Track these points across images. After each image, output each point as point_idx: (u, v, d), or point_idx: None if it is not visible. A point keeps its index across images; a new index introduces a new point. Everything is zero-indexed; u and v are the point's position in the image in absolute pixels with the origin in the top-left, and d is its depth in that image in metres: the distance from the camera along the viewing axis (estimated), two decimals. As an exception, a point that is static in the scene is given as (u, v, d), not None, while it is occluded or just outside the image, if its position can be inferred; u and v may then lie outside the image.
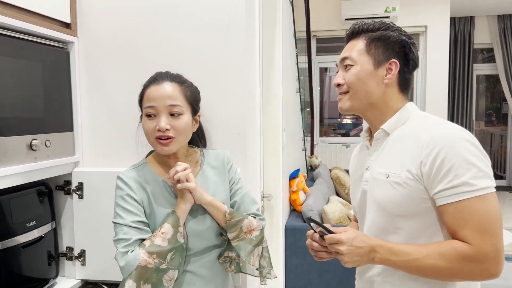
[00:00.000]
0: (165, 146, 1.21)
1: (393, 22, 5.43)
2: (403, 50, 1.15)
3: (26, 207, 1.43)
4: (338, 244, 1.04)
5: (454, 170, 0.98)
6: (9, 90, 1.29)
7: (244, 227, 1.28)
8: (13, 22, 1.29)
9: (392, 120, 1.14)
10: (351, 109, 1.17)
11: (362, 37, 1.17)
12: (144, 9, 1.56)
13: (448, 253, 1.00)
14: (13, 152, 1.30)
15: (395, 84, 1.15)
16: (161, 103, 1.21)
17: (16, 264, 1.39)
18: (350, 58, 1.16)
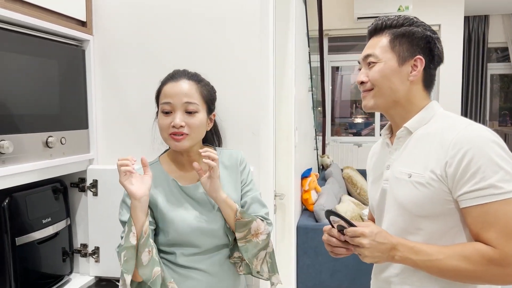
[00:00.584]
0: (178, 142, 1.22)
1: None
2: (428, 46, 1.12)
3: (41, 203, 1.44)
4: (361, 237, 1.02)
5: (481, 172, 0.96)
6: (25, 87, 1.30)
7: (253, 229, 1.28)
8: (30, 20, 1.30)
9: (416, 118, 1.12)
10: (375, 107, 1.15)
11: (385, 33, 1.14)
12: (158, 7, 1.56)
13: (472, 256, 0.98)
14: (30, 149, 1.31)
15: (420, 81, 1.13)
16: (177, 100, 1.22)
17: (32, 260, 1.40)
18: (373, 55, 1.13)
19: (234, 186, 1.34)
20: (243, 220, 1.25)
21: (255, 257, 1.31)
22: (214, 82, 1.43)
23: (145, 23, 1.58)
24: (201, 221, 1.26)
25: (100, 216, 1.60)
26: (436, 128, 1.08)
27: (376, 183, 1.23)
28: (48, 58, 1.40)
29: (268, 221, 1.35)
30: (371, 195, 1.27)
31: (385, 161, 1.19)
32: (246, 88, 1.51)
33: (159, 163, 1.32)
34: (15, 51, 1.26)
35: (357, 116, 6.95)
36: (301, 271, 2.82)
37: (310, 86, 3.46)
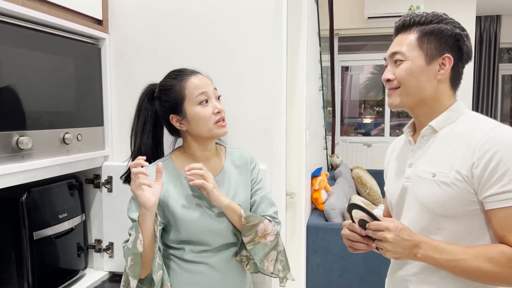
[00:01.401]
0: (225, 127, 1.28)
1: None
2: (457, 44, 1.10)
3: (58, 199, 1.47)
4: (385, 231, 1.01)
5: (509, 175, 0.96)
6: (43, 84, 1.32)
7: (259, 231, 1.28)
8: (48, 18, 1.33)
9: (442, 117, 1.11)
10: (401, 105, 1.14)
11: (413, 30, 1.11)
12: (172, 6, 1.58)
13: (497, 257, 0.97)
14: (47, 145, 1.33)
15: (447, 79, 1.11)
16: (209, 88, 1.27)
17: (48, 254, 1.42)
18: (400, 53, 1.11)
19: (244, 185, 1.35)
20: (249, 224, 1.26)
21: (265, 258, 1.32)
22: (227, 80, 1.45)
23: (160, 22, 1.60)
24: (212, 221, 1.27)
25: (115, 212, 1.62)
26: (463, 128, 1.07)
27: (396, 180, 1.22)
28: (65, 56, 1.43)
29: (276, 220, 1.36)
30: (391, 192, 1.25)
31: (407, 158, 1.18)
32: (258, 86, 1.52)
33: (171, 160, 1.33)
34: (33, 48, 1.28)
35: (366, 116, 6.93)
36: (310, 270, 2.82)
37: (320, 85, 3.47)
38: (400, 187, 1.19)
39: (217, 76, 1.39)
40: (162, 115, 1.31)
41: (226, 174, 1.33)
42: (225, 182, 1.32)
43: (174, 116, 1.28)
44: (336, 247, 2.76)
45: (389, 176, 1.28)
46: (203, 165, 1.24)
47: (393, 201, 1.23)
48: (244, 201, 1.33)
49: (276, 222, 1.36)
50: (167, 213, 1.28)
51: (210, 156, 1.33)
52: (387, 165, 1.33)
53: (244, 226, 1.26)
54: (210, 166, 1.32)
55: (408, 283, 1.15)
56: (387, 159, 1.33)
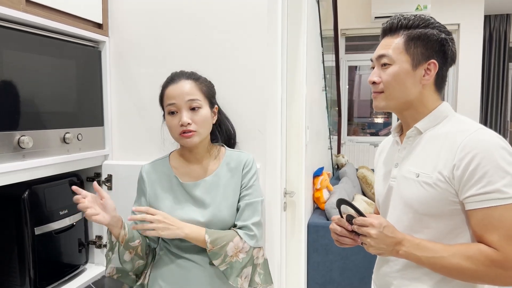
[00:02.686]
0: (188, 139, 1.29)
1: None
2: (442, 49, 1.11)
3: (59, 196, 1.53)
4: (369, 227, 1.05)
5: (487, 177, 0.99)
6: (44, 86, 1.38)
7: (230, 251, 1.28)
8: (50, 23, 1.39)
9: (427, 119, 1.14)
10: (386, 108, 1.16)
11: (400, 33, 1.12)
12: (170, 10, 1.63)
13: (475, 256, 1.01)
14: (48, 145, 1.39)
15: (432, 83, 1.14)
16: (180, 99, 1.29)
17: (50, 249, 1.48)
18: (387, 57, 1.12)
19: (234, 188, 1.36)
20: (216, 247, 1.27)
21: (238, 278, 1.31)
22: (221, 81, 1.49)
23: (158, 25, 1.65)
24: (196, 218, 1.32)
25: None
26: (447, 130, 1.10)
27: (384, 180, 1.25)
28: (66, 59, 1.49)
29: (250, 233, 1.33)
30: (378, 191, 1.28)
31: (394, 159, 1.21)
32: (252, 87, 1.56)
33: (167, 159, 1.40)
34: (35, 52, 1.34)
35: (377, 116, 6.91)
36: (311, 268, 2.86)
37: (324, 85, 3.49)
38: (387, 187, 1.22)
39: (213, 77, 1.44)
40: None
41: (217, 176, 1.37)
42: (213, 185, 1.36)
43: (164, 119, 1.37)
44: (336, 246, 2.78)
45: (378, 176, 1.31)
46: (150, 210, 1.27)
47: (380, 200, 1.27)
48: (231, 204, 1.35)
49: (250, 235, 1.33)
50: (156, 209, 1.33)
51: (202, 158, 1.38)
52: (376, 165, 1.36)
53: (212, 250, 1.26)
54: (202, 168, 1.37)
55: (392, 279, 1.19)
56: (376, 159, 1.36)
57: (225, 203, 1.34)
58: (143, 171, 1.40)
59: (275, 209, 1.71)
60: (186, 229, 1.27)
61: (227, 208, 1.34)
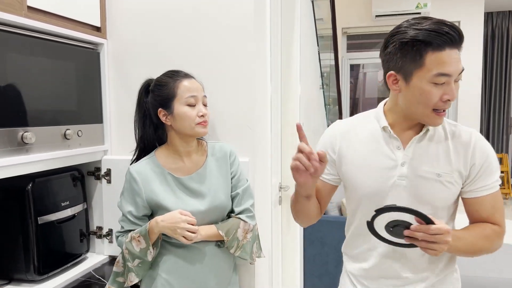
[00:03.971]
0: (205, 128, 1.43)
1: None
2: None
3: (61, 188, 1.63)
4: (444, 234, 1.04)
5: (494, 171, 1.21)
6: (47, 86, 1.49)
7: (240, 236, 1.45)
8: (51, 27, 1.49)
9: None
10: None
11: (460, 46, 1.10)
12: (165, 13, 1.73)
13: (490, 235, 1.21)
14: (50, 140, 1.50)
15: None
16: (199, 93, 1.43)
17: (53, 238, 1.59)
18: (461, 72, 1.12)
19: (224, 177, 1.49)
20: (230, 238, 1.44)
21: (252, 254, 1.50)
22: (213, 80, 1.59)
23: (154, 27, 1.75)
24: (197, 208, 1.41)
25: (113, 202, 1.77)
26: (450, 132, 1.23)
27: (379, 173, 1.23)
28: (67, 61, 1.59)
29: (250, 214, 1.51)
30: (367, 182, 1.24)
31: (391, 155, 1.22)
32: (241, 85, 1.65)
33: (155, 158, 1.46)
34: (37, 54, 1.45)
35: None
36: (307, 261, 2.95)
37: (321, 84, 3.57)
38: (388, 183, 1.21)
39: (205, 75, 1.55)
40: (152, 107, 1.45)
41: (207, 168, 1.47)
42: (206, 176, 1.46)
43: (162, 110, 1.42)
44: (332, 239, 2.87)
45: (353, 165, 1.26)
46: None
47: (367, 193, 1.24)
48: (226, 191, 1.47)
49: (250, 216, 1.50)
50: (154, 207, 1.43)
51: (192, 152, 1.48)
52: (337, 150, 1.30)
53: (228, 241, 1.43)
54: (192, 161, 1.47)
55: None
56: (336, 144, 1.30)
57: (221, 190, 1.46)
58: (132, 171, 1.42)
59: (264, 201, 1.80)
60: (202, 232, 1.39)
61: (224, 194, 1.47)
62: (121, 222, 1.45)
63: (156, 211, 1.43)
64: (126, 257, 1.39)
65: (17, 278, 1.54)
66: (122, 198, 1.45)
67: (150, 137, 1.49)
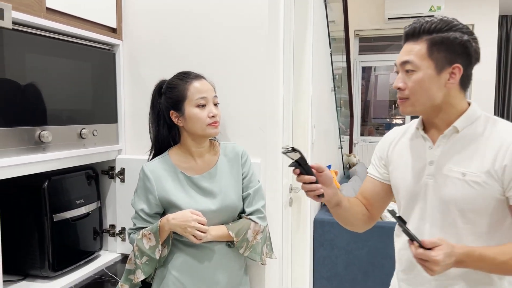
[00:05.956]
0: (216, 129, 1.44)
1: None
2: (466, 51, 1.12)
3: (75, 187, 1.66)
4: (432, 263, 1.03)
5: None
6: (63, 86, 1.52)
7: (250, 237, 1.46)
8: (68, 29, 1.52)
9: (463, 118, 1.16)
10: (413, 113, 1.18)
11: (423, 39, 1.12)
12: (179, 15, 1.75)
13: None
14: (66, 139, 1.52)
15: (457, 84, 1.15)
16: (209, 94, 1.44)
17: (67, 235, 1.62)
18: (411, 63, 1.13)
19: (236, 177, 1.51)
20: (240, 238, 1.44)
21: (262, 255, 1.51)
22: (225, 81, 1.62)
23: (168, 29, 1.77)
24: (208, 207, 1.43)
25: (127, 200, 1.79)
26: (489, 130, 1.15)
27: (414, 176, 1.24)
28: (83, 61, 1.62)
29: (261, 215, 1.52)
30: (403, 184, 1.27)
31: (424, 155, 1.22)
32: (254, 87, 1.66)
33: (168, 157, 1.49)
34: (54, 55, 1.48)
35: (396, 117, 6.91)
36: (317, 263, 2.95)
37: (333, 86, 3.57)
38: (421, 183, 1.22)
39: (217, 76, 1.57)
40: (165, 109, 1.48)
41: (219, 168, 1.49)
42: (217, 176, 1.48)
43: (174, 112, 1.45)
44: (341, 241, 2.87)
45: (396, 167, 1.30)
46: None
47: (404, 194, 1.27)
48: (237, 190, 1.49)
49: (261, 217, 1.51)
50: (167, 204, 1.45)
51: (204, 152, 1.50)
52: (388, 155, 1.34)
53: (238, 242, 1.44)
54: (204, 161, 1.49)
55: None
56: (387, 149, 1.35)
57: (232, 190, 1.47)
58: (146, 170, 1.46)
59: (275, 202, 1.81)
60: (212, 232, 1.40)
61: (235, 194, 1.48)
62: (134, 219, 1.48)
63: (168, 209, 1.46)
64: (135, 254, 1.42)
65: (32, 274, 1.56)
66: (136, 195, 1.49)
67: (164, 137, 1.51)
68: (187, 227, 1.33)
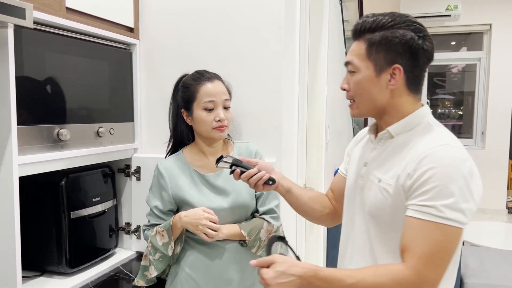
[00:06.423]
0: (222, 133, 1.44)
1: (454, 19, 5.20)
2: (408, 50, 1.03)
3: (92, 184, 1.68)
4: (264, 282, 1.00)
5: (433, 193, 0.96)
6: (81, 85, 1.54)
7: (263, 237, 1.46)
8: (87, 28, 1.54)
9: (400, 124, 1.09)
10: (360, 116, 1.14)
11: (363, 38, 1.07)
12: (195, 14, 1.76)
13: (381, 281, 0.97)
14: (83, 137, 1.54)
15: (402, 86, 1.07)
16: (219, 97, 1.43)
17: (83, 232, 1.64)
18: (352, 64, 1.09)
19: None
20: (252, 238, 1.44)
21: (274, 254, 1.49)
22: (240, 81, 1.62)
23: (184, 28, 1.78)
24: (221, 205, 1.44)
25: (142, 199, 1.80)
26: (416, 139, 1.05)
27: (355, 174, 1.21)
28: (101, 60, 1.64)
29: (274, 215, 1.51)
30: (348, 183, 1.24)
31: (365, 157, 1.19)
32: (269, 87, 1.66)
33: (182, 155, 1.52)
34: (73, 54, 1.50)
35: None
36: (330, 263, 2.93)
37: (347, 86, 3.55)
38: (355, 184, 1.19)
39: (232, 76, 1.57)
40: (181, 106, 1.51)
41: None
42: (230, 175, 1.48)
43: (184, 111, 1.48)
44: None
45: (350, 166, 1.27)
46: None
47: (346, 193, 1.25)
48: (250, 189, 1.48)
49: (275, 217, 1.51)
50: (181, 201, 1.46)
51: (218, 151, 1.51)
52: (350, 153, 1.32)
53: (250, 241, 1.44)
54: None
55: None
56: (352, 146, 1.33)
57: (244, 188, 1.47)
58: (160, 167, 1.49)
59: (290, 202, 1.81)
60: (224, 230, 1.41)
61: (247, 192, 1.49)
62: (148, 216, 1.51)
63: (181, 207, 1.48)
64: (149, 250, 1.44)
65: (49, 270, 1.59)
66: (150, 192, 1.51)
67: (182, 130, 1.54)
68: (198, 225, 1.35)
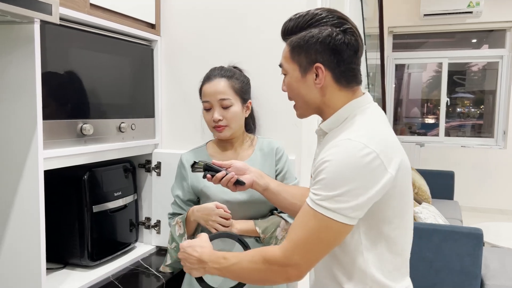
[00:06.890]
0: (220, 133, 1.46)
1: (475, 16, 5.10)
2: (327, 47, 1.01)
3: (114, 179, 1.70)
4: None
5: (321, 184, 0.96)
6: (103, 80, 1.56)
7: (279, 235, 1.46)
8: (110, 24, 1.55)
9: (330, 119, 1.08)
10: (302, 116, 1.16)
11: (287, 41, 1.09)
12: (216, 11, 1.77)
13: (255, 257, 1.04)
14: (106, 132, 1.56)
15: (331, 82, 1.05)
16: (213, 98, 1.44)
17: (105, 226, 1.66)
18: (282, 67, 1.12)
19: (268, 172, 1.50)
20: (267, 236, 1.44)
21: None
22: (261, 77, 1.61)
23: (205, 25, 1.79)
24: (237, 197, 1.45)
25: (162, 194, 1.83)
26: (339, 134, 1.03)
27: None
28: (123, 56, 1.65)
29: None
30: None
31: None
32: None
33: (205, 148, 1.56)
34: (96, 50, 1.52)
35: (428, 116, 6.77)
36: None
37: (367, 83, 3.52)
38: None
39: (251, 72, 1.58)
40: None
41: (252, 161, 1.50)
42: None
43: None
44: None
45: None
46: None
47: None
48: None
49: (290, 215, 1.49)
50: (198, 193, 1.50)
51: (237, 146, 1.53)
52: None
53: (265, 238, 1.44)
54: (237, 154, 1.52)
55: None
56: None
57: None
58: (183, 159, 1.55)
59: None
60: (238, 225, 1.43)
61: None
62: (172, 205, 1.57)
63: (200, 198, 1.52)
64: (169, 238, 1.50)
65: (72, 262, 1.61)
66: (174, 182, 1.57)
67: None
68: (209, 221, 1.38)
